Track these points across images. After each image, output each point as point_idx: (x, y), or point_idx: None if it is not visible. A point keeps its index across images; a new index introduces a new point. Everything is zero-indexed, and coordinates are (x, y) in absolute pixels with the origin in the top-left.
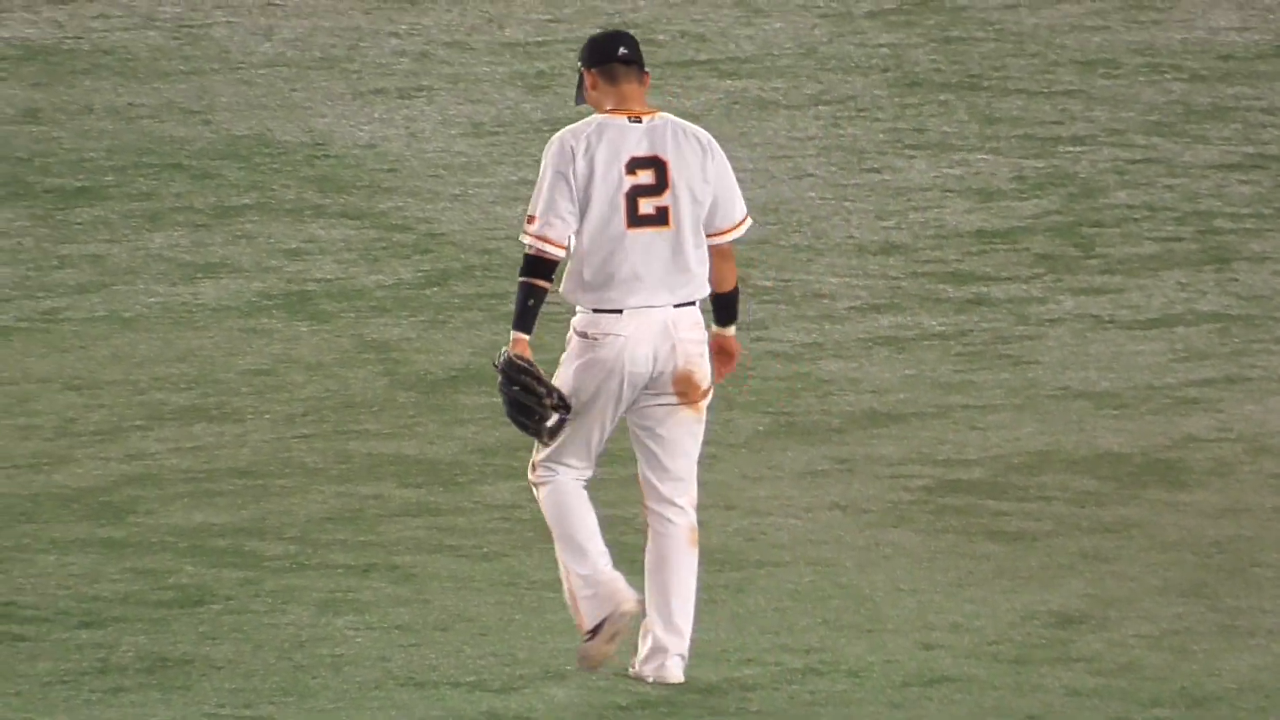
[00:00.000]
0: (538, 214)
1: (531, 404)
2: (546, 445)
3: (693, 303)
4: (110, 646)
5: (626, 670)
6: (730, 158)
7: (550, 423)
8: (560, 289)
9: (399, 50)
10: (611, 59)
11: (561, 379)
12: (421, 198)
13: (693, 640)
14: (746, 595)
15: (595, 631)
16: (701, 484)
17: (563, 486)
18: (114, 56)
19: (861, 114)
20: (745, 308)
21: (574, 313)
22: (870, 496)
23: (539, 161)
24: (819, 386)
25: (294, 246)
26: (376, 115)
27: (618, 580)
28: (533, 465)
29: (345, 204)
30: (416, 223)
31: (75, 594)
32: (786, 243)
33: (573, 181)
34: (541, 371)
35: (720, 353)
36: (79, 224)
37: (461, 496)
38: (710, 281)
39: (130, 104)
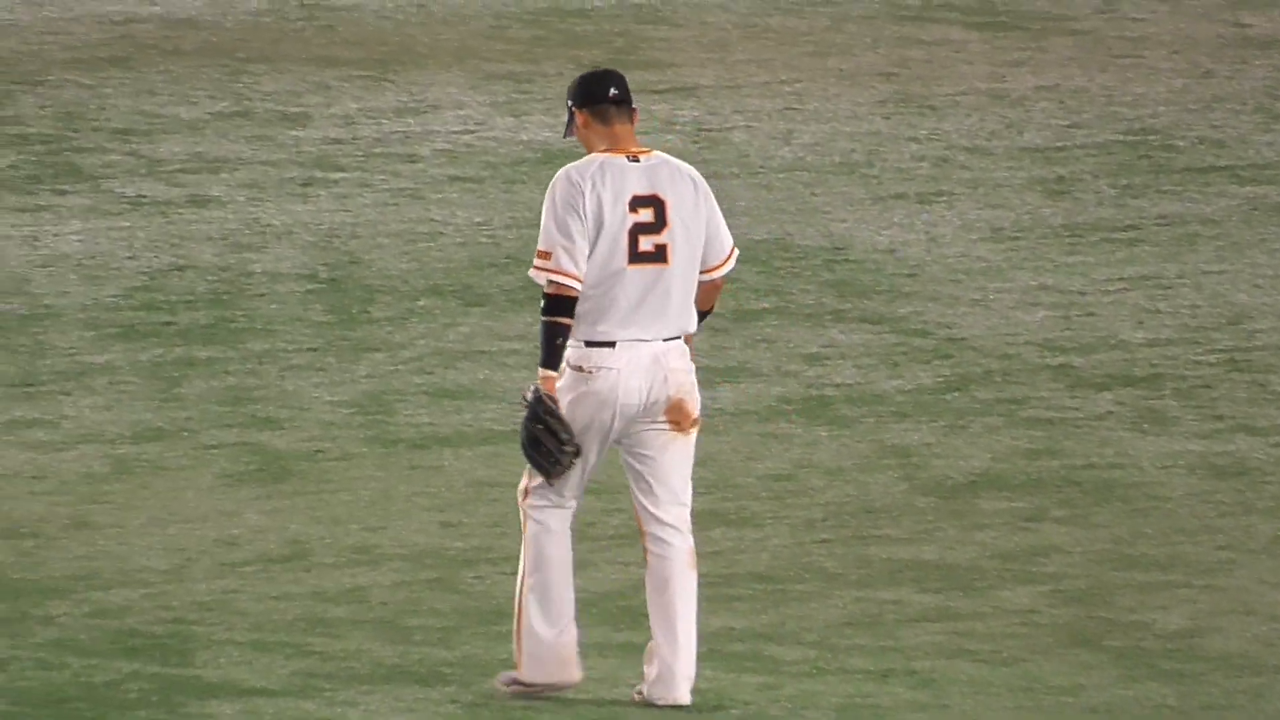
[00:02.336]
0: (551, 248)
1: (552, 447)
2: (549, 481)
3: (679, 337)
4: None
5: (632, 697)
6: (1249, 263)
7: (563, 465)
8: None
9: (919, 155)
10: (603, 100)
11: None
12: (941, 302)
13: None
14: (1265, 701)
15: (528, 687)
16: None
17: (551, 535)
18: None
19: None
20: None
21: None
22: None
23: (1059, 265)
24: None
25: (813, 351)
26: (896, 220)
27: (573, 656)
28: (524, 490)
29: (865, 309)
30: (936, 327)
31: (594, 699)
32: None
33: (582, 215)
34: (560, 417)
35: None
36: None
37: (980, 601)
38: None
39: None
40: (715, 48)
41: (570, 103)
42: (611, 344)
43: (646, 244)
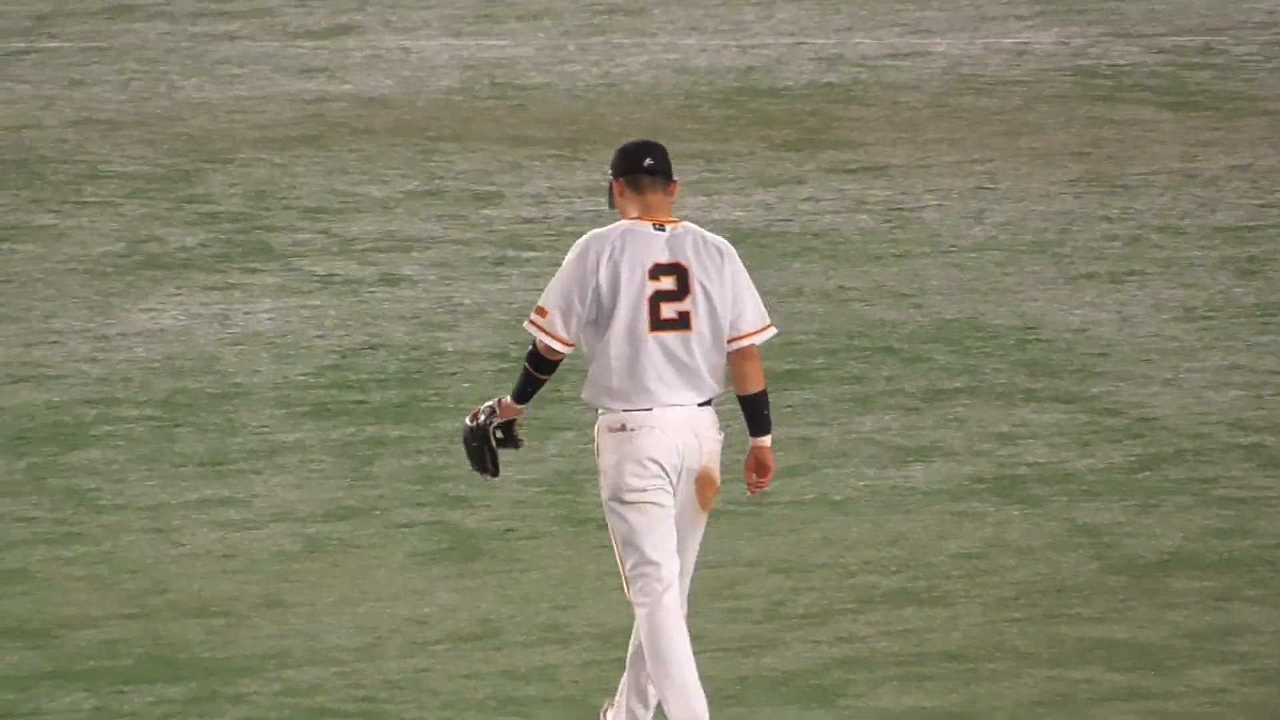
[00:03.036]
0: (549, 308)
1: (474, 465)
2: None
3: (709, 402)
4: None
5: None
6: None
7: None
8: (583, 396)
9: (1111, 234)
10: (637, 169)
11: (606, 479)
12: (1133, 382)
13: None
14: None
15: None
16: None
17: (664, 616)
18: (824, 239)
19: None
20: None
21: (598, 415)
22: None
23: (1251, 345)
24: None
25: (1005, 430)
26: (1088, 299)
27: None
28: (625, 579)
29: (1056, 388)
30: (1128, 407)
31: None
32: None
33: (590, 284)
34: (512, 431)
35: (758, 466)
36: (789, 407)
37: (1172, 680)
38: (735, 385)
39: (840, 287)
40: (907, 127)
41: (609, 171)
42: (649, 409)
43: (669, 311)
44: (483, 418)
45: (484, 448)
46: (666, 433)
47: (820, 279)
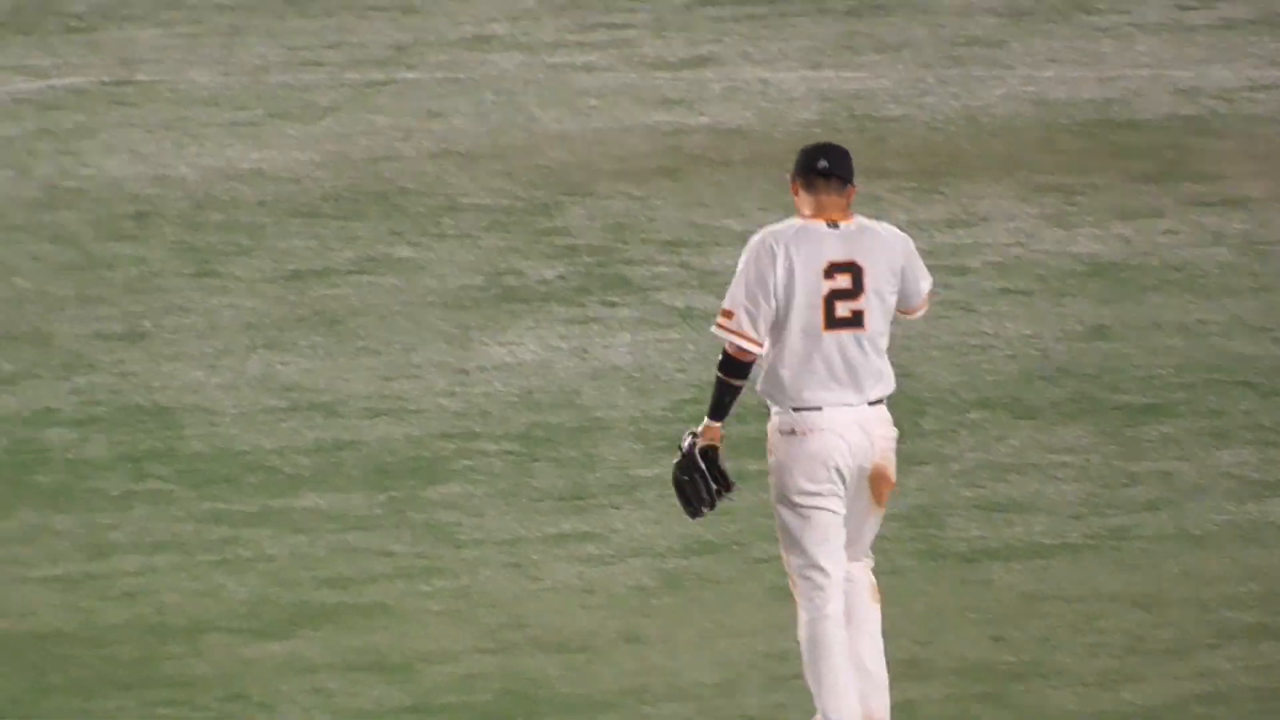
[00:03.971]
0: (735, 309)
1: (691, 497)
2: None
3: (882, 400)
4: None
5: None
6: None
7: (704, 512)
8: (758, 388)
9: None
10: (810, 171)
11: (776, 479)
12: None
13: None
14: None
15: None
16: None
17: (825, 624)
18: (1182, 273)
19: None
20: None
21: (771, 413)
22: None
23: None
24: None
25: None
26: None
27: None
28: (791, 579)
29: None
30: None
31: None
32: None
33: (772, 281)
34: (719, 467)
35: None
36: (1148, 441)
37: None
38: None
39: (1199, 320)
40: (1265, 159)
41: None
42: (819, 409)
43: (843, 309)
44: (685, 444)
45: (694, 475)
46: (836, 434)
47: (1179, 313)
